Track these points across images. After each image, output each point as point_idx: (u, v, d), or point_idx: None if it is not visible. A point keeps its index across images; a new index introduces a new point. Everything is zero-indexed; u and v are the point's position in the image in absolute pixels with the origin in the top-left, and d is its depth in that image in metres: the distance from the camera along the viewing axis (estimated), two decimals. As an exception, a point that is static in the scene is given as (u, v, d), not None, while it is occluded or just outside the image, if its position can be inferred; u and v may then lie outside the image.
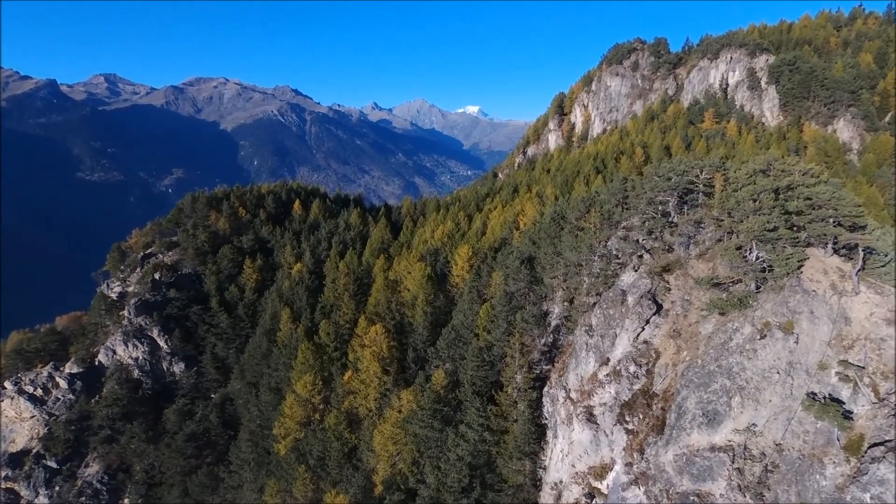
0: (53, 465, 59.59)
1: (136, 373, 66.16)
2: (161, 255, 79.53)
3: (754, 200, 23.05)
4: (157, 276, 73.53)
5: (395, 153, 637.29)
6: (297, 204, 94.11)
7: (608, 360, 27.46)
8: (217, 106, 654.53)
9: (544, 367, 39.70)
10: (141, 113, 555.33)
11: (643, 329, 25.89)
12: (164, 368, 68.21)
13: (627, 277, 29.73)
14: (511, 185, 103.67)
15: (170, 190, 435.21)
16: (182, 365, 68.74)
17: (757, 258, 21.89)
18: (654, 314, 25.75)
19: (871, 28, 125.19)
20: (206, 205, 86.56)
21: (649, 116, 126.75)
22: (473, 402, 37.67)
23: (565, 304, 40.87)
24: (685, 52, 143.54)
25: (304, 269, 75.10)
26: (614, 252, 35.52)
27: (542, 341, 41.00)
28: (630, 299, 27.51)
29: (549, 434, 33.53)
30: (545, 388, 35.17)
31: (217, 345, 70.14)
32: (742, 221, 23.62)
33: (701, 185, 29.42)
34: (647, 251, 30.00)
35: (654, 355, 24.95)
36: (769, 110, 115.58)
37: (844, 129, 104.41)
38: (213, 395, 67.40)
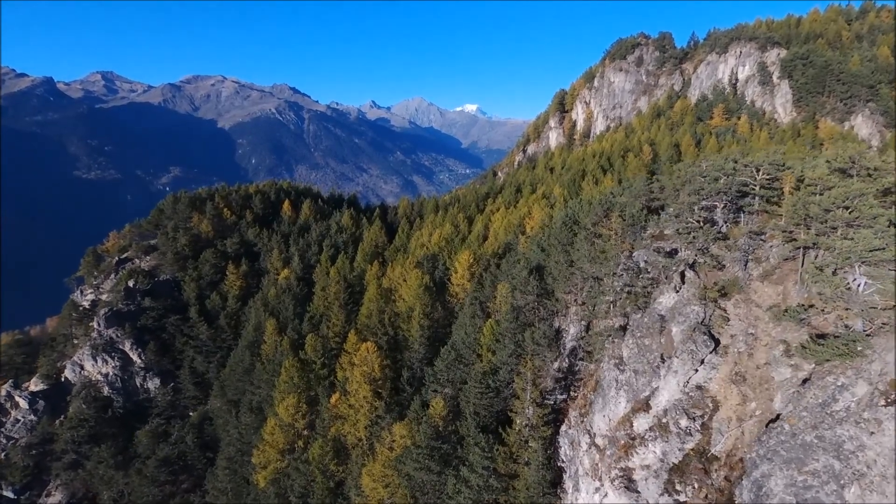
0: (10, 494, 53.87)
1: (105, 390, 60.46)
2: (138, 260, 73.80)
3: (846, 208, 17.68)
4: (131, 283, 67.83)
5: (393, 151, 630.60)
6: (286, 204, 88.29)
7: (648, 405, 22.05)
8: (215, 104, 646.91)
9: (559, 396, 34.27)
10: (138, 111, 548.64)
11: (696, 371, 20.56)
12: (137, 385, 62.50)
13: (667, 300, 24.28)
14: (513, 184, 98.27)
15: (167, 189, 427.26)
16: (157, 381, 63.02)
17: (863, 287, 16.53)
18: (711, 352, 20.38)
19: (885, 21, 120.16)
20: (188, 205, 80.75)
21: (655, 113, 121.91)
22: (477, 440, 32.15)
23: (582, 323, 35.47)
24: (691, 47, 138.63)
25: (292, 275, 69.65)
26: (643, 265, 30.15)
27: (556, 366, 35.53)
28: (675, 329, 22.09)
29: (568, 483, 28.11)
30: (563, 427, 29.70)
31: (196, 358, 64.45)
32: (826, 235, 18.21)
33: (758, 188, 24.02)
34: (691, 266, 24.57)
35: (710, 405, 19.59)
36: (782, 106, 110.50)
37: (863, 126, 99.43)
38: (190, 414, 61.66)
